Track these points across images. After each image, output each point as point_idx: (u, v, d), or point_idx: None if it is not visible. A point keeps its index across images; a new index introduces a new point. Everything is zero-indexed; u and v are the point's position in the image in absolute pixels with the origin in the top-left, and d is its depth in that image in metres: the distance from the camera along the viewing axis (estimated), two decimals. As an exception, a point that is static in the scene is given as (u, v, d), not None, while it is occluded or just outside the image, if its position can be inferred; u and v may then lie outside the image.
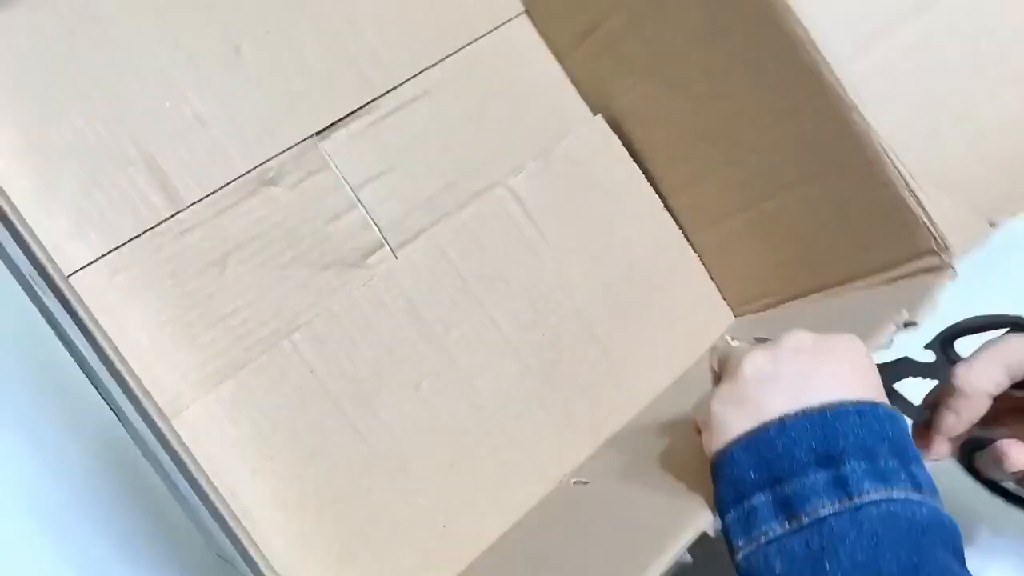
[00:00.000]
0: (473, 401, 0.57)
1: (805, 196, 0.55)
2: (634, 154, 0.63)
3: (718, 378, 0.44)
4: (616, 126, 0.63)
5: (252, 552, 0.38)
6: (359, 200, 0.57)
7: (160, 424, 0.39)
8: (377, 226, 0.58)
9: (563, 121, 0.63)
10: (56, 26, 0.52)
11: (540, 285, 0.60)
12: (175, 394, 0.51)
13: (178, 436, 0.39)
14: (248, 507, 0.51)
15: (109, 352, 0.39)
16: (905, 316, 0.49)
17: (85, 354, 0.44)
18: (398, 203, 0.58)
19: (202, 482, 0.39)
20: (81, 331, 0.40)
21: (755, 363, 0.41)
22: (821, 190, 0.54)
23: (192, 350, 0.52)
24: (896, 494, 0.37)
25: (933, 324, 0.48)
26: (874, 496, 0.37)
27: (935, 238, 0.50)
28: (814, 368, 0.40)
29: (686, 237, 0.64)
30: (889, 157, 0.50)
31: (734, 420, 0.40)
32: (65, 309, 0.40)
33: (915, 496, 0.37)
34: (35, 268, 0.40)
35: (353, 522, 0.53)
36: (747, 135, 0.56)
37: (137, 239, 0.52)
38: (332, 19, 0.58)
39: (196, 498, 0.40)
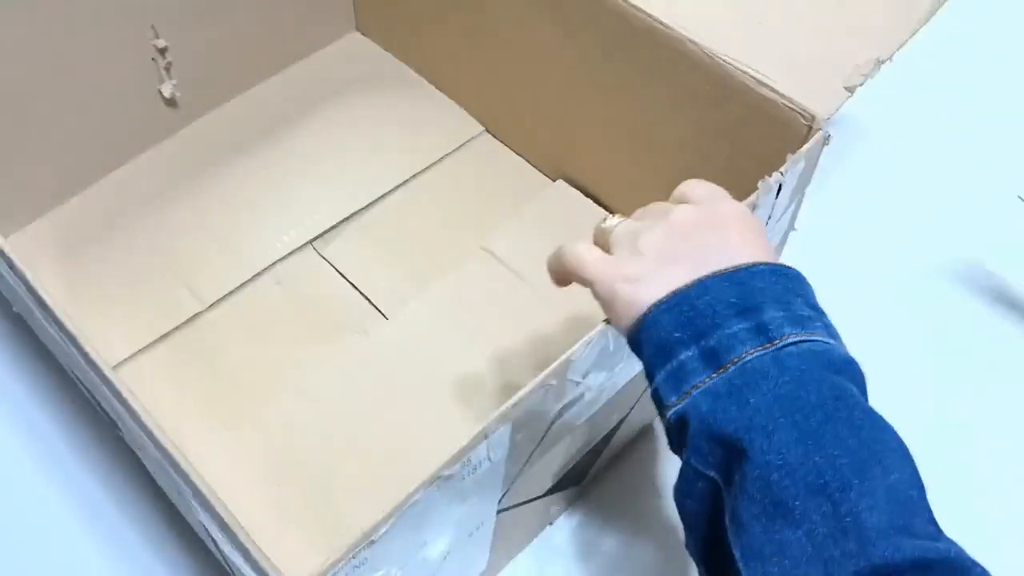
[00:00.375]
0: (468, 416, 0.61)
1: (698, 139, 0.60)
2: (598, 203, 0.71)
3: (600, 251, 0.45)
4: (577, 186, 0.71)
5: (249, 546, 0.42)
6: (352, 283, 0.67)
7: (181, 463, 0.46)
8: (371, 302, 0.67)
9: (531, 191, 0.72)
10: (116, 206, 0.71)
11: (525, 315, 0.65)
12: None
13: (200, 476, 0.46)
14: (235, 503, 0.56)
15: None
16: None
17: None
18: (388, 281, 0.68)
19: (210, 499, 0.44)
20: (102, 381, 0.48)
21: (651, 244, 0.42)
22: (711, 125, 0.58)
23: (211, 407, 0.61)
24: (814, 336, 0.38)
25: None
26: (794, 339, 0.38)
27: (801, 115, 0.53)
28: (705, 235, 0.42)
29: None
30: (738, 68, 0.54)
31: (643, 294, 0.41)
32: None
33: (830, 340, 0.39)
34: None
35: (342, 516, 0.57)
36: (653, 122, 0.63)
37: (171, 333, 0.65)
38: (318, 159, 0.74)
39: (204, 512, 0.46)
